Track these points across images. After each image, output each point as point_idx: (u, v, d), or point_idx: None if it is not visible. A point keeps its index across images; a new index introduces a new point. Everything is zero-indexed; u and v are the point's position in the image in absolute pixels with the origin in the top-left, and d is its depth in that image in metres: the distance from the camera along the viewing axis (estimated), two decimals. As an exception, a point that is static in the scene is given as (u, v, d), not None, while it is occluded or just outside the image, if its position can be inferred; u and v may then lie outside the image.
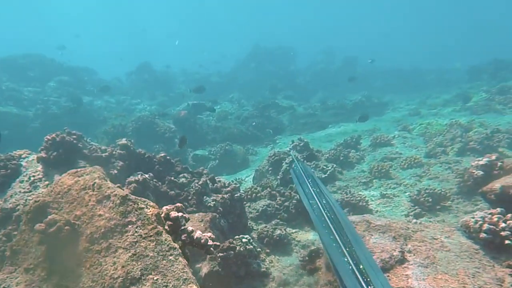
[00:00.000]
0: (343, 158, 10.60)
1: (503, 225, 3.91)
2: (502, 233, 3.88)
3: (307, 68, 30.00)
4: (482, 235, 3.96)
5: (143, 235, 3.18)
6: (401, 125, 13.41)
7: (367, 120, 12.05)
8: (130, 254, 3.11)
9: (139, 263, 3.07)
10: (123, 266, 3.05)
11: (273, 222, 7.70)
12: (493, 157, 5.77)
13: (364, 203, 8.14)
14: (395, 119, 15.07)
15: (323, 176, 9.79)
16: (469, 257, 3.90)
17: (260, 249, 6.77)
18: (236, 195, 6.67)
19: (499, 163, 5.65)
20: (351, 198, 8.28)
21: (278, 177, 9.52)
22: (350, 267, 3.37)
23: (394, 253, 3.91)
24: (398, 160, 10.18)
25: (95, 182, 3.30)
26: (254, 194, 8.10)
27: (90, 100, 18.81)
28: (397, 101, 20.11)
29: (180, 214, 3.36)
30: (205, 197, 6.25)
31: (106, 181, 3.37)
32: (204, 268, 5.55)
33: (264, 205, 7.81)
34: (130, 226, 3.20)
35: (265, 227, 7.26)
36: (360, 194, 8.64)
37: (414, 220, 6.30)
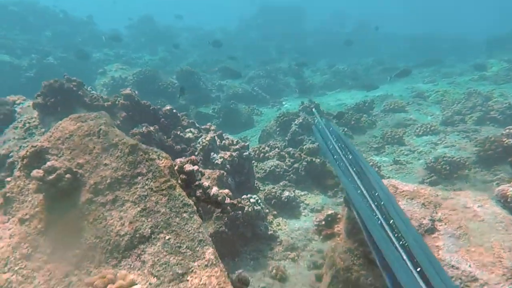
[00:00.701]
0: (355, 123, 10.17)
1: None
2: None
3: (317, 30, 28.62)
4: (519, 203, 3.64)
5: (154, 189, 2.82)
6: (415, 92, 12.84)
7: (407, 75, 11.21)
8: (139, 209, 2.77)
9: (149, 219, 2.74)
10: (131, 222, 2.72)
11: (281, 184, 7.45)
12: (526, 125, 5.36)
13: (376, 169, 7.84)
14: (409, 87, 14.45)
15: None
16: (505, 228, 3.60)
17: (267, 211, 6.55)
18: (245, 153, 6.32)
19: (533, 133, 5.25)
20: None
21: (287, 138, 9.16)
22: (379, 221, 2.99)
23: (424, 221, 3.60)
24: (412, 126, 9.77)
25: (100, 129, 2.88)
26: (262, 154, 7.76)
27: (87, 52, 17.91)
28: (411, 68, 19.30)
29: (195, 167, 2.99)
30: (212, 153, 5.89)
31: (114, 128, 2.95)
32: (210, 227, 5.31)
33: (272, 166, 7.51)
34: (139, 178, 2.83)
35: (273, 188, 7.00)
36: (372, 159, 8.33)
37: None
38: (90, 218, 2.76)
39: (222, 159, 5.93)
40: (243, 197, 5.79)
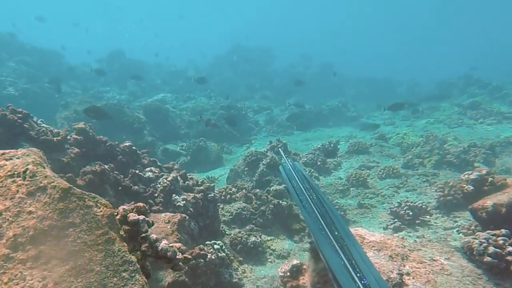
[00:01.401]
0: (321, 163, 10.11)
1: (509, 249, 3.46)
2: (508, 258, 3.43)
3: (285, 70, 29.64)
4: (487, 258, 3.50)
5: (89, 242, 2.39)
6: (378, 134, 13.19)
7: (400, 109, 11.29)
8: (68, 267, 2.30)
9: (79, 279, 2.28)
10: (56, 283, 2.24)
11: (248, 228, 7.05)
12: (484, 172, 5.42)
13: (342, 212, 7.66)
14: (369, 125, 14.87)
15: (300, 180, 9.23)
16: (472, 282, 3.41)
17: (232, 257, 6.10)
18: (209, 195, 5.91)
19: (490, 179, 5.30)
20: (328, 205, 7.76)
21: (254, 178, 8.86)
22: (343, 262, 2.83)
23: (392, 275, 3.34)
24: (375, 168, 9.83)
25: (27, 168, 2.44)
26: (228, 196, 7.37)
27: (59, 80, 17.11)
28: (369, 110, 20.11)
29: (141, 217, 2.59)
30: (174, 195, 5.44)
31: (44, 168, 2.51)
32: (168, 276, 4.76)
33: (239, 208, 7.12)
34: (71, 230, 2.39)
35: (239, 232, 6.60)
36: (338, 203, 8.17)
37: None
38: (4, 278, 2.25)
39: (185, 201, 5.49)
40: (206, 243, 5.33)
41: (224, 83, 25.75)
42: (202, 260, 4.75)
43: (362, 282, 2.58)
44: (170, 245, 2.67)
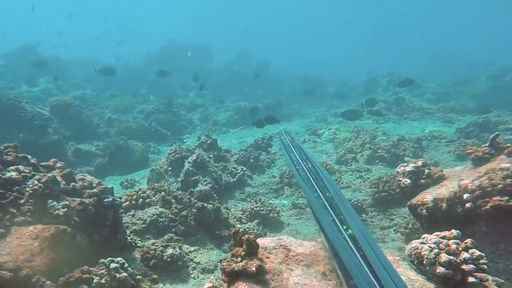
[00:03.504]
0: (253, 161, 9.18)
1: (465, 255, 2.76)
2: (464, 267, 2.72)
3: (224, 69, 28.43)
4: (439, 269, 2.75)
5: None
6: (310, 129, 12.72)
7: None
8: None
9: None
10: None
11: (166, 237, 5.80)
12: (420, 163, 4.89)
13: (275, 214, 6.78)
14: (304, 124, 14.47)
15: (232, 180, 8.21)
16: (425, 302, 2.65)
17: (141, 276, 4.82)
18: (107, 199, 4.54)
19: (426, 171, 4.78)
20: (261, 208, 6.84)
21: (179, 179, 7.60)
22: (331, 217, 2.92)
23: (329, 306, 2.42)
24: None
25: None
26: (141, 200, 6.00)
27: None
28: (304, 108, 19.95)
29: None
30: (50, 201, 3.97)
31: None
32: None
33: (154, 214, 5.82)
34: None
35: (154, 244, 5.35)
36: (271, 203, 7.28)
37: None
38: None
39: (66, 208, 4.04)
40: (100, 261, 3.98)
41: (157, 80, 23.69)
42: (85, 287, 3.46)
43: (347, 233, 2.64)
44: None
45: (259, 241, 2.87)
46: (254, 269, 2.48)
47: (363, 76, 21.47)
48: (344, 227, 2.73)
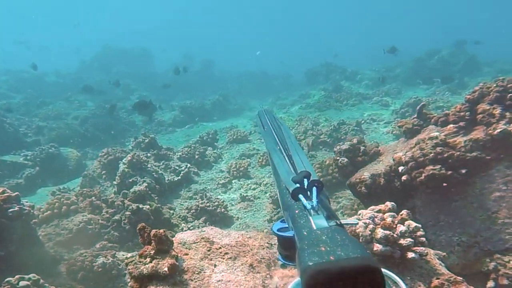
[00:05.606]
0: (199, 157, 8.66)
1: (401, 228, 2.56)
2: (402, 241, 2.52)
3: (168, 70, 27.20)
4: (377, 247, 2.53)
5: None
6: (255, 121, 12.46)
7: None
8: None
9: None
10: None
11: (98, 246, 5.14)
12: (355, 141, 4.78)
13: (223, 209, 6.37)
14: (251, 117, 14.20)
15: (176, 178, 7.63)
16: None
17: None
18: (12, 209, 3.78)
19: (362, 147, 4.67)
20: (207, 204, 6.38)
21: (115, 182, 6.85)
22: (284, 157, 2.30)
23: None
24: (255, 156, 8.90)
25: None
26: (64, 207, 5.23)
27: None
28: (252, 103, 19.75)
29: None
30: None
31: None
32: None
33: (81, 222, 5.11)
34: None
35: (82, 254, 4.70)
36: (218, 199, 6.85)
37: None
38: None
39: None
40: (7, 280, 3.30)
41: (96, 86, 21.92)
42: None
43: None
44: None
45: (178, 235, 2.45)
46: (166, 269, 2.05)
47: (302, 69, 21.75)
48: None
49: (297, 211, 1.40)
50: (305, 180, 1.54)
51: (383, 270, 0.98)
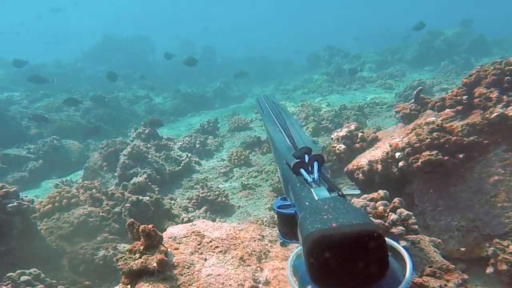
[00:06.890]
0: (200, 146, 8.67)
1: (393, 217, 2.55)
2: (394, 230, 2.51)
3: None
4: (369, 235, 2.51)
5: None
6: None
7: None
8: None
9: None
10: None
11: (99, 239, 5.24)
12: (353, 127, 4.72)
13: (224, 198, 6.41)
14: (253, 104, 14.11)
15: (177, 168, 7.68)
16: None
17: (68, 285, 4.30)
18: (10, 204, 3.85)
19: (360, 134, 4.61)
20: (207, 194, 6.42)
21: (116, 174, 6.92)
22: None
23: (249, 294, 2.08)
24: (258, 144, 8.87)
25: None
26: (65, 200, 5.31)
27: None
28: (254, 89, 19.60)
29: None
30: None
31: None
32: None
33: (81, 215, 5.19)
34: None
35: (84, 247, 4.80)
36: (219, 188, 6.88)
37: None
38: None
39: None
40: (8, 275, 3.39)
41: (97, 76, 21.88)
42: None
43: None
44: None
45: (169, 230, 2.47)
46: (155, 264, 2.07)
47: (306, 52, 21.40)
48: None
49: (298, 185, 1.43)
50: (306, 156, 1.59)
51: (386, 239, 0.97)
